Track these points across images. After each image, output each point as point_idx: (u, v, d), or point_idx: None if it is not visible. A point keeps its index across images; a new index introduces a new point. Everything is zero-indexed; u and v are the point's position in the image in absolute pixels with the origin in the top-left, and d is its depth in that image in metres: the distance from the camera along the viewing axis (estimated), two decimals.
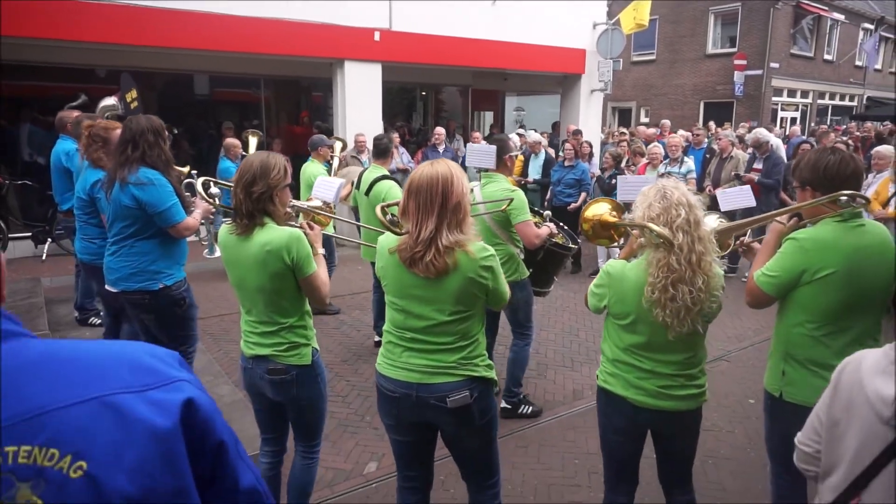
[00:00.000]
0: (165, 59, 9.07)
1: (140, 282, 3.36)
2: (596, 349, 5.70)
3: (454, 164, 2.25)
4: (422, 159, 9.75)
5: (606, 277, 2.38)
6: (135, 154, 3.25)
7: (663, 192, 2.25)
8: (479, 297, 2.26)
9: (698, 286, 2.18)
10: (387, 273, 2.32)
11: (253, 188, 2.40)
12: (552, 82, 13.27)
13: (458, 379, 2.27)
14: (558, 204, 8.00)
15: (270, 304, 2.50)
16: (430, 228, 2.13)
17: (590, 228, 2.88)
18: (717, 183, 8.44)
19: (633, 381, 2.36)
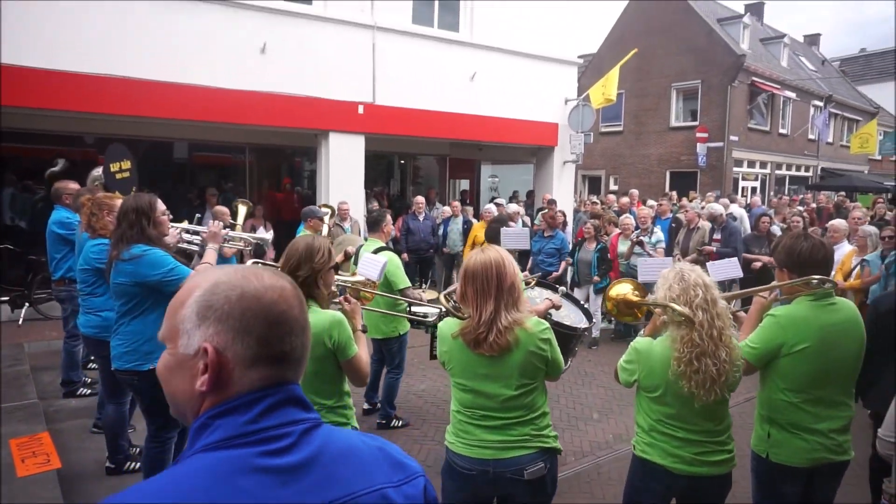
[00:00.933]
0: (151, 128, 9.31)
1: (131, 361, 3.37)
2: (577, 415, 5.85)
3: (503, 250, 2.46)
4: (402, 227, 10.03)
5: (635, 354, 2.56)
6: (118, 232, 3.36)
7: (681, 275, 2.48)
8: (541, 368, 2.42)
9: (722, 358, 2.37)
10: (452, 357, 2.46)
11: (298, 272, 2.50)
12: (526, 153, 13.87)
13: (533, 451, 2.39)
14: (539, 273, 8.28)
15: (309, 387, 2.56)
16: (490, 310, 2.32)
17: (614, 307, 3.07)
18: (685, 252, 8.88)
19: (670, 450, 2.51)
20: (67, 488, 3.75)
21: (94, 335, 4.09)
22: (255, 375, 0.95)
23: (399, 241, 10.08)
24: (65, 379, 5.58)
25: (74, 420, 5.04)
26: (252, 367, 0.94)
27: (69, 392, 5.53)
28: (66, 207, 5.36)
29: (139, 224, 3.33)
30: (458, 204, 10.72)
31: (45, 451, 3.97)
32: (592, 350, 8.07)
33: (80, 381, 5.59)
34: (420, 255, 10.13)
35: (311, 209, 6.93)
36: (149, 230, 3.36)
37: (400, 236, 10.06)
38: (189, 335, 0.95)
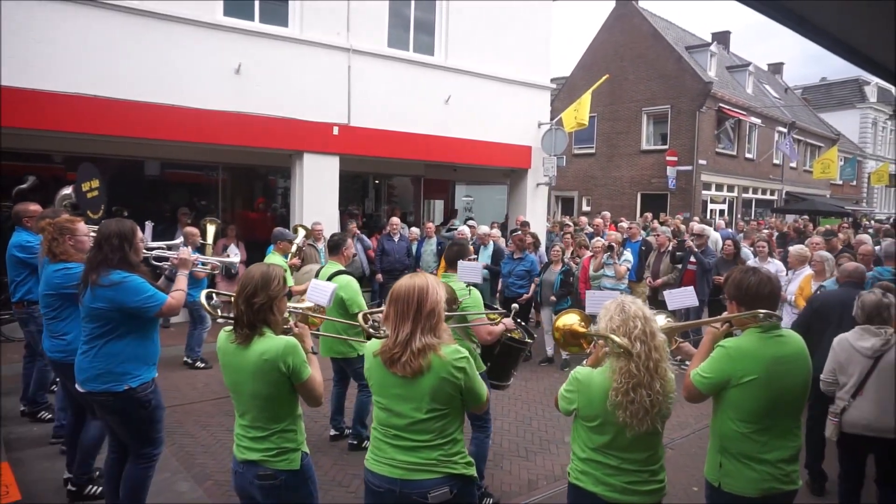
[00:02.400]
0: (122, 147, 9.18)
1: (105, 383, 3.36)
2: (549, 438, 5.88)
3: (432, 277, 2.53)
4: (377, 247, 10.04)
5: (576, 383, 2.60)
6: (99, 257, 3.35)
7: (622, 306, 2.54)
8: (454, 395, 2.45)
9: (656, 389, 2.43)
10: (371, 374, 2.53)
11: (254, 299, 2.57)
12: (500, 174, 14.02)
13: (438, 476, 2.43)
14: (510, 295, 8.35)
15: (264, 410, 2.62)
16: (406, 332, 2.39)
17: (561, 337, 3.12)
18: (656, 275, 9.05)
19: (601, 477, 2.56)
20: None
21: (60, 359, 4.03)
22: None
23: (374, 262, 10.07)
24: (30, 399, 5.44)
25: (36, 448, 4.90)
26: None
27: (32, 412, 5.39)
28: (27, 230, 5.24)
29: (122, 250, 3.37)
30: (432, 225, 10.76)
31: (5, 483, 3.85)
32: (565, 371, 8.13)
33: (44, 403, 5.45)
34: (395, 275, 10.11)
35: (280, 232, 6.93)
36: (130, 256, 3.41)
37: (374, 256, 10.06)
38: None
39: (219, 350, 2.75)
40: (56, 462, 4.59)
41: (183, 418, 5.93)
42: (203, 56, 8.90)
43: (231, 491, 4.48)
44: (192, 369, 7.58)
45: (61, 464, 4.39)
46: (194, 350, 7.72)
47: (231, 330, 2.68)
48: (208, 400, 6.50)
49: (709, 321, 3.19)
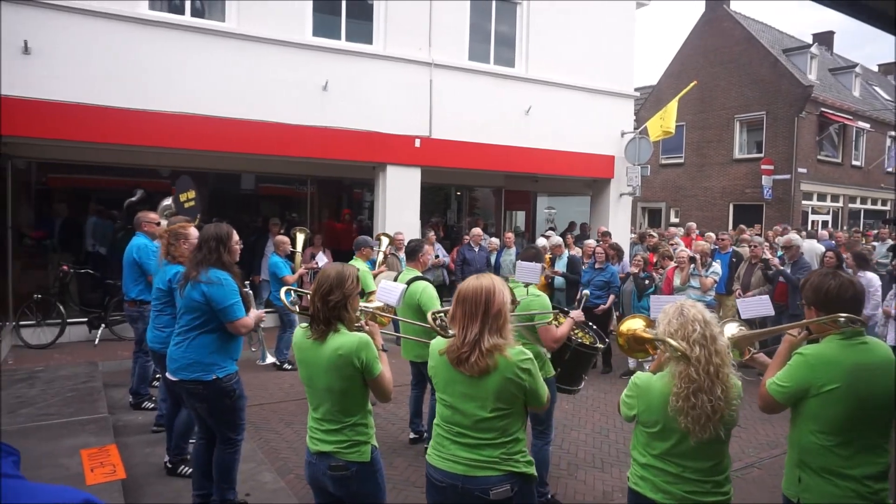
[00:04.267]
0: (220, 161, 9.87)
1: (195, 372, 3.66)
2: (627, 451, 5.72)
3: (497, 278, 2.58)
4: (457, 257, 10.18)
5: (635, 388, 2.58)
6: (200, 256, 3.70)
7: (681, 310, 2.50)
8: (518, 396, 2.49)
9: (717, 395, 2.36)
10: (437, 372, 2.60)
11: (330, 297, 2.71)
12: (582, 185, 13.85)
13: (500, 473, 2.47)
14: (588, 305, 8.21)
15: (337, 404, 2.74)
16: (475, 332, 2.44)
17: (625, 342, 3.08)
18: (746, 287, 8.61)
19: (661, 484, 2.49)
20: (131, 497, 3.98)
21: (159, 350, 4.42)
22: None
23: (454, 272, 10.21)
24: (134, 390, 5.93)
25: (140, 435, 5.34)
26: None
27: (136, 404, 5.87)
28: (145, 234, 5.78)
29: (217, 251, 3.69)
30: (512, 235, 10.78)
31: (112, 462, 4.23)
32: None
33: (146, 395, 5.93)
34: None
35: (362, 239, 7.20)
36: (224, 256, 3.72)
37: (455, 266, 10.19)
38: None
39: (295, 345, 2.89)
40: (157, 447, 4.98)
41: (269, 415, 6.25)
42: (293, 74, 9.43)
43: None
44: (280, 370, 7.96)
45: (161, 449, 4.77)
46: (282, 352, 8.11)
47: (307, 326, 2.82)
48: (293, 400, 6.82)
49: (786, 327, 3.02)
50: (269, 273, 7.97)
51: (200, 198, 7.48)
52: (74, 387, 5.75)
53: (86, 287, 9.42)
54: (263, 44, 9.20)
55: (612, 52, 12.59)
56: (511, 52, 11.84)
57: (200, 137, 8.82)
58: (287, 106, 9.39)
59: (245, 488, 4.39)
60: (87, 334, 8.88)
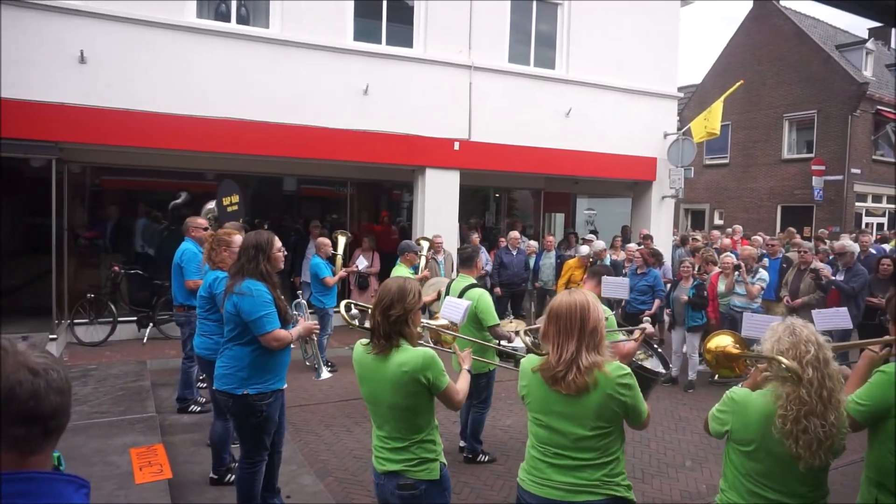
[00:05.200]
0: (262, 164, 10.08)
1: (227, 384, 3.64)
2: (668, 462, 5.62)
3: (590, 294, 2.52)
4: (495, 261, 10.15)
5: (731, 403, 2.45)
6: (237, 266, 3.68)
7: (793, 329, 2.37)
8: (619, 413, 2.41)
9: (830, 421, 2.24)
10: (530, 391, 2.52)
11: (391, 311, 2.64)
12: (623, 187, 13.64)
13: (601, 498, 2.39)
14: (632, 311, 8.11)
15: (403, 421, 2.67)
16: (571, 350, 2.37)
17: (713, 359, 2.99)
18: (794, 294, 8.34)
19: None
20: (175, 496, 4.10)
21: (206, 356, 4.47)
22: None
23: (492, 275, 10.18)
24: (180, 396, 6.09)
25: (185, 434, 5.49)
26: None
27: (182, 408, 6.03)
28: (192, 239, 5.94)
29: (256, 259, 3.62)
30: (552, 238, 10.69)
31: (159, 462, 4.36)
32: (689, 394, 7.73)
33: (192, 399, 6.09)
34: (513, 289, 10.18)
35: (407, 244, 7.22)
36: (263, 265, 3.63)
37: (493, 270, 10.17)
38: None
39: (355, 362, 2.82)
40: (202, 448, 5.12)
41: (309, 417, 6.35)
42: (334, 78, 9.56)
43: (349, 487, 4.76)
44: None
45: (207, 450, 4.88)
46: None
47: (368, 342, 2.76)
48: (332, 402, 6.91)
49: (867, 343, 2.90)
50: (310, 275, 8.09)
51: (243, 201, 7.64)
52: (124, 385, 5.96)
53: (135, 287, 9.74)
54: (306, 49, 9.35)
55: (655, 52, 12.36)
56: (551, 53, 11.75)
57: (244, 141, 9.02)
58: (328, 110, 9.52)
59: (286, 490, 4.47)
60: (136, 333, 9.19)
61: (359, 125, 9.74)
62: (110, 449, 4.50)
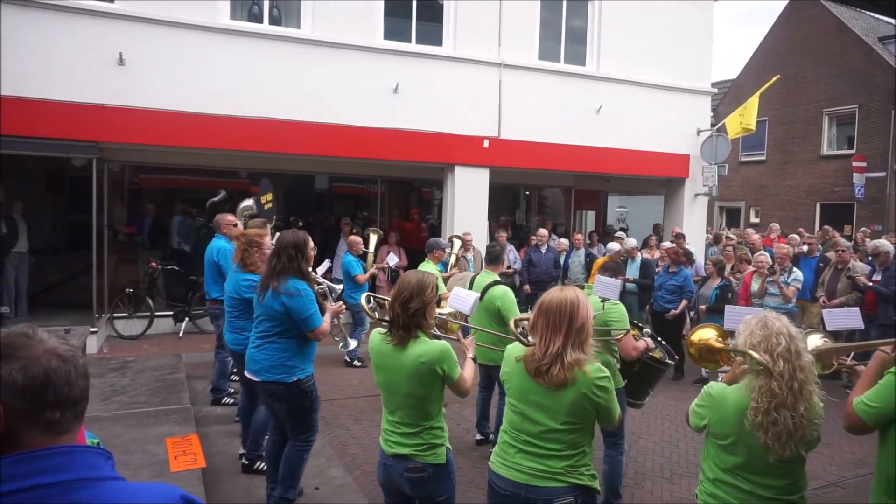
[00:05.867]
0: (296, 163, 10.25)
1: (278, 374, 3.82)
2: (696, 462, 5.53)
3: (581, 292, 2.57)
4: (525, 258, 10.14)
5: (708, 398, 2.50)
6: (279, 265, 3.79)
7: (764, 322, 2.41)
8: (591, 412, 2.48)
9: (800, 412, 2.27)
10: (511, 378, 2.61)
11: (410, 304, 2.77)
12: (655, 184, 13.46)
13: (564, 485, 2.47)
14: (658, 309, 8.02)
15: (416, 408, 2.81)
16: (558, 345, 2.43)
17: (696, 352, 3.01)
18: (831, 294, 8.15)
19: (732, 502, 2.42)
20: (208, 484, 4.23)
21: (238, 350, 4.63)
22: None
23: (521, 273, 10.17)
24: (214, 386, 6.25)
25: (218, 425, 5.64)
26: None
27: (216, 399, 6.19)
28: (224, 236, 6.08)
29: (297, 259, 3.80)
30: (581, 236, 10.62)
31: (194, 451, 4.50)
32: None
33: (225, 391, 6.25)
34: (541, 286, 10.14)
35: (435, 241, 7.27)
36: (302, 265, 3.83)
37: (522, 268, 10.16)
38: None
39: (372, 350, 2.94)
40: (234, 438, 5.25)
41: (339, 412, 6.46)
42: (365, 77, 9.65)
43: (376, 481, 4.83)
44: (350, 367, 8.19)
45: (238, 441, 5.03)
46: (353, 350, 8.33)
47: (385, 332, 2.88)
48: (362, 396, 7.00)
49: (878, 343, 2.84)
50: (342, 272, 8.20)
51: (276, 198, 7.79)
52: (161, 377, 6.14)
53: (171, 282, 10.02)
54: (337, 49, 9.46)
55: (688, 47, 12.15)
56: (582, 49, 11.65)
57: (277, 140, 9.18)
58: (359, 108, 9.62)
59: (315, 482, 4.57)
60: (172, 327, 9.45)
61: (389, 124, 9.82)
62: (148, 438, 4.65)
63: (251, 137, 9.01)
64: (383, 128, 9.77)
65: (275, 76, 9.11)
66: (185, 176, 10.58)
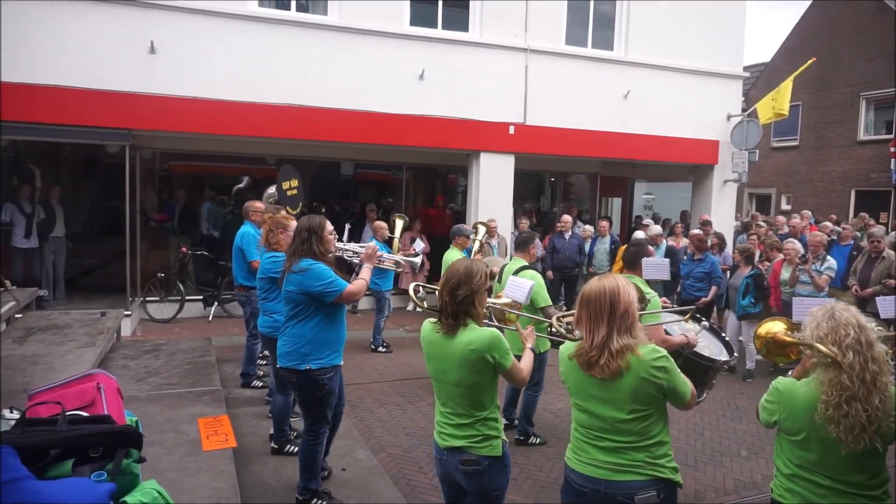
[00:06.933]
0: (322, 150, 10.33)
1: (291, 360, 3.82)
2: (722, 450, 5.54)
3: (621, 278, 2.53)
4: (548, 246, 10.11)
5: (776, 394, 2.45)
6: (293, 247, 3.85)
7: (832, 313, 2.35)
8: (656, 395, 2.42)
9: (874, 405, 2.21)
10: (568, 377, 2.59)
11: (458, 291, 2.72)
12: (683, 171, 13.26)
13: (646, 478, 2.42)
14: (687, 297, 7.95)
15: (468, 398, 2.75)
16: (602, 334, 2.41)
17: (762, 346, 2.97)
18: (864, 283, 7.97)
19: (810, 497, 2.37)
20: (239, 464, 4.35)
21: (268, 334, 4.73)
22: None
23: (545, 259, 10.15)
24: (243, 371, 6.40)
25: (248, 407, 5.79)
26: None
27: (245, 383, 6.34)
28: (252, 223, 6.19)
29: (309, 241, 3.80)
30: (606, 223, 10.55)
31: (225, 432, 4.62)
32: (747, 383, 7.55)
33: (254, 375, 6.39)
34: (565, 273, 10.13)
35: (458, 228, 7.29)
36: (315, 246, 3.80)
37: (545, 254, 10.14)
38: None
39: (423, 339, 2.91)
40: (264, 420, 5.40)
41: (364, 395, 6.56)
42: (391, 64, 9.67)
43: (402, 464, 4.92)
44: (375, 353, 8.30)
45: (268, 422, 5.16)
46: (374, 337, 8.43)
47: (435, 321, 2.85)
48: (386, 381, 7.10)
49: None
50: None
51: (302, 185, 7.87)
52: (192, 360, 6.29)
53: (201, 267, 10.22)
54: (363, 35, 9.48)
55: (719, 31, 11.89)
56: (610, 33, 11.48)
57: (303, 127, 9.26)
58: (385, 95, 9.64)
59: (342, 463, 4.67)
60: (202, 311, 9.66)
61: (415, 110, 9.83)
62: (180, 418, 4.79)
63: (278, 124, 9.10)
64: (409, 114, 9.79)
65: (302, 63, 9.17)
66: (214, 163, 10.75)
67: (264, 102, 8.96)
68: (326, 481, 4.32)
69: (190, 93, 8.56)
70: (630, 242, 4.66)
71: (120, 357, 6.40)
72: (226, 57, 8.75)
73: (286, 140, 9.47)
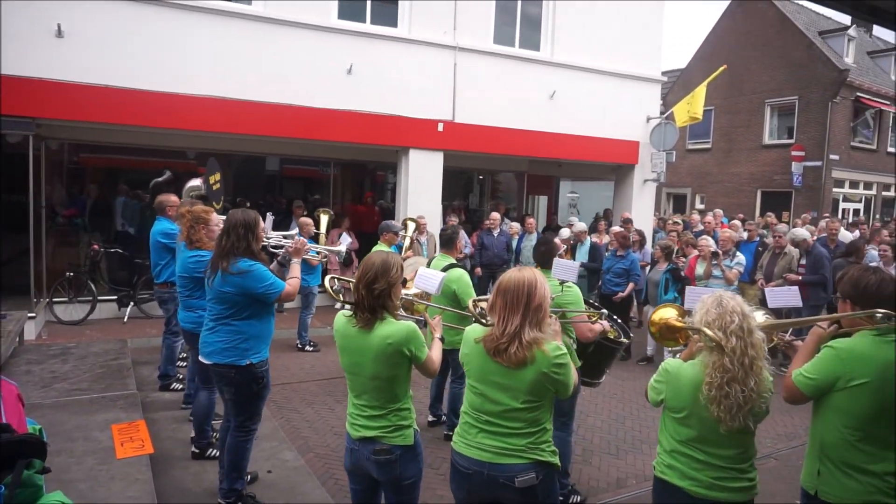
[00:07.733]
0: (246, 144, 10.01)
1: (229, 356, 3.73)
2: (642, 438, 5.78)
3: (539, 273, 2.61)
4: (477, 242, 10.21)
5: (665, 374, 2.62)
6: (228, 245, 3.68)
7: (720, 301, 2.53)
8: (550, 389, 2.54)
9: (750, 386, 2.41)
10: (470, 360, 2.64)
11: (375, 285, 2.70)
12: (606, 170, 13.73)
13: (526, 462, 2.53)
14: (606, 292, 8.23)
15: (383, 391, 2.77)
16: (515, 324, 2.47)
17: (657, 331, 3.12)
18: (769, 277, 8.52)
19: (688, 471, 2.55)
20: (157, 471, 4.15)
21: (191, 329, 4.54)
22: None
23: (473, 256, 10.25)
24: (162, 372, 6.11)
25: (167, 411, 5.52)
26: None
27: (164, 385, 6.05)
28: (168, 218, 5.90)
29: (246, 239, 3.67)
30: (533, 221, 10.77)
31: (141, 437, 4.40)
32: None
33: (174, 376, 6.11)
34: (493, 269, 10.26)
35: (387, 224, 7.25)
36: (252, 244, 3.71)
37: (474, 251, 10.24)
38: None
39: (337, 333, 2.89)
40: (183, 424, 5.17)
41: (291, 395, 6.41)
42: (318, 57, 9.47)
43: (329, 463, 4.84)
44: (301, 352, 8.13)
45: (188, 426, 4.94)
46: (301, 335, 8.26)
47: (350, 314, 2.83)
48: (314, 381, 6.97)
49: (815, 319, 3.01)
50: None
51: (225, 180, 7.59)
52: (105, 363, 5.96)
53: (115, 265, 9.67)
54: (290, 27, 9.25)
55: (639, 36, 12.38)
56: (537, 34, 11.72)
57: (226, 120, 8.93)
58: (312, 89, 9.45)
59: (267, 465, 4.54)
60: (117, 312, 9.15)
61: (342, 105, 9.68)
62: (91, 425, 4.52)
63: (199, 116, 8.74)
64: (336, 109, 9.63)
65: (225, 54, 8.84)
66: (130, 156, 10.20)
67: (185, 93, 8.58)
68: (251, 485, 4.19)
69: (102, 81, 8.08)
70: (539, 241, 4.74)
71: (23, 362, 5.98)
72: (143, 44, 8.31)
73: (208, 133, 9.11)
